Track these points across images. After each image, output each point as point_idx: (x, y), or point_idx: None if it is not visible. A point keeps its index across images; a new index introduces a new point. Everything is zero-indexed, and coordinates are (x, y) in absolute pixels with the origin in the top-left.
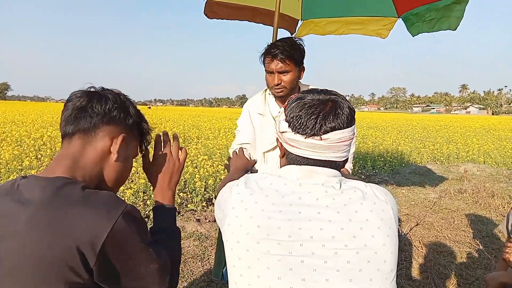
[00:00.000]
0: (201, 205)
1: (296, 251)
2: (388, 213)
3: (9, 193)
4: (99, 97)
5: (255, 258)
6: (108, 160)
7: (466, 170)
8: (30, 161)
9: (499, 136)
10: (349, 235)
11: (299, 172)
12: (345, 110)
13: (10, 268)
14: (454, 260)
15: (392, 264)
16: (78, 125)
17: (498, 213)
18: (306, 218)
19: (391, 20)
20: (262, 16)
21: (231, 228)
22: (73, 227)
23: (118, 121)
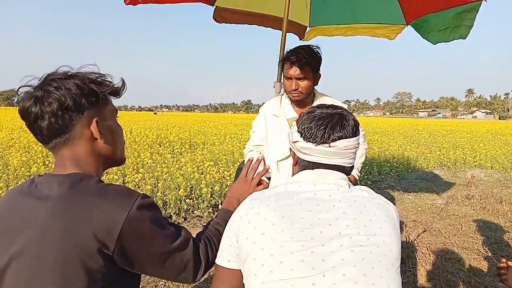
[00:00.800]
0: (208, 211)
1: (317, 237)
2: (392, 213)
3: (29, 191)
4: (43, 99)
5: (279, 245)
6: (98, 144)
7: (473, 176)
8: (38, 168)
9: (507, 141)
10: (360, 224)
11: (312, 174)
12: (350, 122)
13: (31, 257)
14: (462, 267)
15: (397, 253)
16: (50, 136)
17: (507, 219)
18: (324, 210)
19: (399, 27)
20: (271, 22)
21: (252, 225)
22: (91, 217)
23: (78, 110)
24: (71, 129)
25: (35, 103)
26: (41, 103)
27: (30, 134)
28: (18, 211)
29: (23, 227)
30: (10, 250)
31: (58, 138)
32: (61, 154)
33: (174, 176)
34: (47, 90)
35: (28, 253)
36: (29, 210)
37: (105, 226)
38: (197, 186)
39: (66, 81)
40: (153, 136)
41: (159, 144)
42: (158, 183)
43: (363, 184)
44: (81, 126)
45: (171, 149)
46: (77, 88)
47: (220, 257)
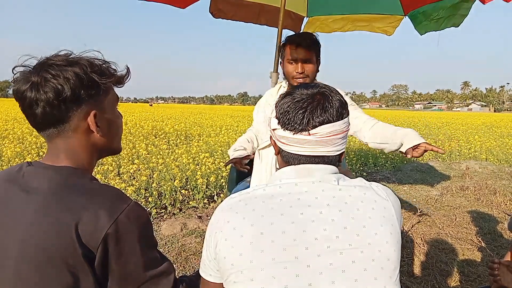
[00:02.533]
0: (203, 202)
1: (302, 255)
2: (390, 211)
3: (16, 180)
4: (40, 86)
5: (259, 268)
6: (95, 136)
7: (468, 168)
8: (32, 159)
9: (501, 133)
10: (352, 233)
11: (294, 172)
12: (334, 103)
13: (16, 256)
14: (456, 257)
15: (395, 261)
16: (44, 124)
17: (500, 210)
18: (309, 219)
19: (397, 18)
20: (267, 15)
21: (228, 243)
22: (78, 218)
23: (76, 101)
24: (67, 120)
25: (30, 88)
26: (37, 90)
27: (25, 125)
28: (4, 200)
29: (8, 220)
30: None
31: (52, 127)
32: (55, 143)
33: (169, 167)
34: (44, 77)
35: (14, 251)
36: (15, 202)
37: (90, 229)
38: (193, 177)
39: (65, 69)
40: (149, 127)
41: (155, 136)
42: (153, 174)
43: (358, 176)
44: (78, 118)
45: (167, 141)
46: (76, 78)
47: (202, 270)
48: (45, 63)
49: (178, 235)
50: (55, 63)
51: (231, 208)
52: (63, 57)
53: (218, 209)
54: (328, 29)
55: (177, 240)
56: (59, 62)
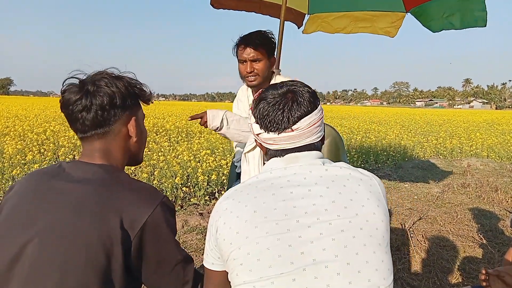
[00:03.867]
0: (204, 199)
1: (293, 227)
2: (375, 187)
3: (59, 174)
4: (95, 93)
5: (254, 243)
6: (131, 141)
7: (469, 165)
8: (33, 156)
9: (503, 131)
10: (340, 206)
11: (282, 162)
12: (305, 95)
13: (58, 236)
14: (457, 254)
15: (384, 231)
16: (92, 127)
17: (501, 208)
18: (299, 196)
19: (399, 16)
20: (269, 8)
21: (227, 225)
22: (120, 207)
23: (122, 109)
24: (112, 123)
25: (86, 95)
26: (93, 96)
27: (26, 122)
28: (47, 191)
29: (52, 207)
30: (34, 227)
31: (98, 129)
32: (94, 145)
33: (170, 165)
34: (99, 85)
35: (56, 231)
36: (60, 191)
37: (131, 218)
38: (194, 174)
39: (116, 81)
40: (150, 124)
41: (156, 133)
42: (154, 171)
43: None
44: (121, 123)
45: (168, 138)
46: (125, 89)
47: (205, 260)
48: (97, 76)
49: (179, 232)
50: (105, 76)
51: (227, 197)
52: (110, 72)
53: (218, 201)
54: (331, 28)
55: (178, 237)
56: (108, 76)
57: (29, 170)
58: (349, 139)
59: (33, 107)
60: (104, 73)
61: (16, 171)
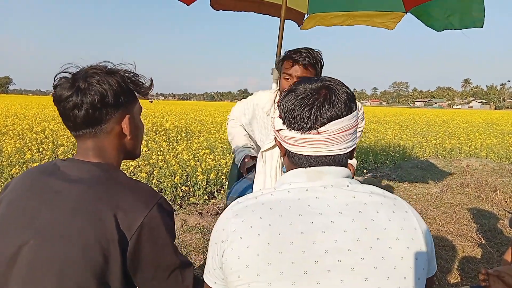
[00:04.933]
0: (203, 198)
1: (311, 269)
2: (410, 222)
3: (54, 173)
4: (86, 91)
5: (266, 283)
6: (125, 139)
7: (469, 165)
8: (32, 155)
9: (502, 131)
10: (365, 247)
11: (304, 175)
12: (341, 96)
13: (56, 236)
14: (456, 254)
15: (414, 279)
16: (83, 126)
17: (500, 208)
18: (320, 229)
19: (399, 14)
20: (268, 8)
21: (235, 253)
22: (116, 207)
23: (115, 107)
24: (104, 122)
25: (76, 92)
26: (83, 94)
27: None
28: (43, 191)
29: (48, 208)
30: (30, 228)
31: (89, 128)
32: (87, 143)
33: (169, 164)
34: (90, 83)
35: (52, 232)
36: (55, 191)
37: (127, 218)
38: (193, 173)
39: (108, 77)
40: (149, 124)
41: (155, 132)
42: (153, 171)
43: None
44: (114, 121)
45: (167, 137)
46: (118, 85)
47: (207, 276)
48: (89, 71)
49: (179, 231)
50: (98, 72)
51: (237, 215)
52: (103, 67)
53: (224, 215)
54: (328, 23)
55: (177, 236)
56: (101, 71)
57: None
58: None
59: (32, 106)
60: (97, 68)
61: (15, 170)
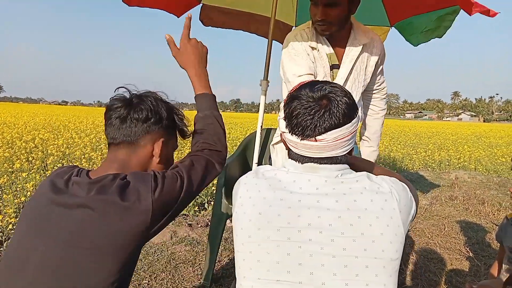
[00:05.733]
0: (193, 210)
1: (294, 237)
2: (390, 203)
3: (62, 194)
4: (135, 107)
5: (256, 243)
6: (152, 162)
7: (457, 177)
8: (21, 164)
9: (490, 143)
10: (346, 223)
11: (301, 168)
12: (340, 107)
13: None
14: (444, 267)
15: (392, 253)
16: (122, 135)
17: (488, 220)
18: (306, 206)
19: (384, 29)
20: (257, 24)
21: (236, 215)
22: (121, 215)
23: (156, 127)
24: (141, 137)
25: (127, 105)
26: (132, 108)
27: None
28: (47, 215)
29: (58, 222)
30: (42, 235)
31: (126, 139)
32: (118, 154)
33: None
34: (143, 100)
35: (61, 239)
36: (63, 207)
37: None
38: None
39: (161, 102)
40: None
41: None
42: None
43: None
44: (149, 140)
45: None
46: (165, 111)
47: None
48: (147, 93)
49: (168, 243)
50: (154, 95)
51: (245, 184)
52: (159, 95)
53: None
54: None
55: (166, 248)
56: (157, 96)
57: (16, 178)
58: None
59: (22, 114)
60: (153, 93)
61: (3, 180)
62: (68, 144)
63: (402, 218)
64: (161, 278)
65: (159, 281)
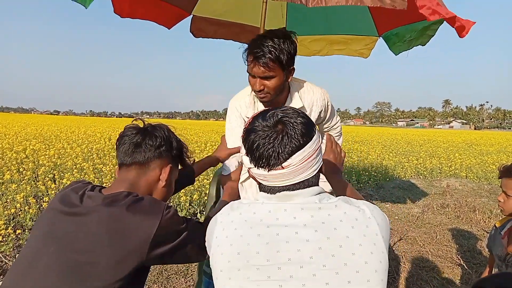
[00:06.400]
0: None
1: (275, 275)
2: (372, 228)
3: (73, 212)
4: (150, 135)
5: (237, 285)
6: (157, 185)
7: (449, 185)
8: (12, 175)
9: (481, 151)
10: (327, 254)
11: (275, 198)
12: (297, 128)
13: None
14: (436, 275)
15: (377, 280)
16: (134, 158)
17: (479, 228)
18: (284, 239)
19: (372, 39)
20: (248, 35)
21: (214, 257)
22: (128, 231)
23: (166, 154)
24: (151, 163)
25: (142, 132)
26: (147, 134)
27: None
28: (66, 216)
29: (69, 230)
30: (52, 237)
31: (137, 162)
32: (128, 174)
33: None
34: (157, 129)
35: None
36: (75, 217)
37: (139, 238)
38: (176, 195)
39: (171, 133)
40: None
41: None
42: None
43: None
44: (157, 165)
45: None
46: (175, 142)
47: None
48: (160, 124)
49: None
50: (165, 127)
51: (221, 222)
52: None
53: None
54: (307, 51)
55: None
56: (167, 128)
57: (6, 189)
58: None
59: (13, 124)
60: (166, 126)
61: None
62: (60, 155)
63: (385, 245)
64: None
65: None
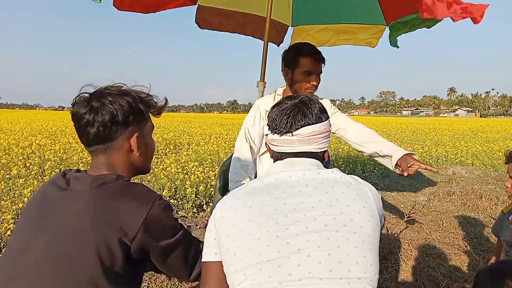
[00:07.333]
0: (192, 211)
1: (282, 221)
2: (364, 190)
3: (63, 185)
4: (98, 109)
5: (247, 234)
6: (133, 155)
7: (455, 173)
8: (19, 170)
9: (487, 138)
10: (326, 204)
11: (281, 165)
12: (314, 109)
13: (67, 237)
14: (443, 262)
15: (369, 230)
16: (93, 142)
17: (486, 215)
18: (290, 195)
19: (380, 28)
20: (252, 26)
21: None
22: (117, 214)
23: (124, 125)
24: (114, 139)
25: (90, 111)
26: (95, 113)
27: (11, 136)
28: (54, 200)
29: (58, 214)
30: (42, 229)
31: (100, 144)
32: (99, 158)
33: (158, 177)
34: (103, 103)
35: (60, 235)
36: (63, 200)
37: (128, 220)
38: (182, 186)
39: (120, 97)
40: None
41: None
42: None
43: None
44: (123, 138)
45: (156, 150)
46: (128, 106)
47: (206, 254)
48: (103, 91)
49: None
50: (111, 92)
51: (232, 195)
52: (117, 88)
53: (223, 199)
54: (315, 41)
55: None
56: (114, 92)
57: (13, 185)
58: (337, 149)
59: (18, 120)
60: (112, 88)
61: (1, 186)
62: (65, 149)
63: (377, 208)
64: (160, 281)
65: (158, 284)
